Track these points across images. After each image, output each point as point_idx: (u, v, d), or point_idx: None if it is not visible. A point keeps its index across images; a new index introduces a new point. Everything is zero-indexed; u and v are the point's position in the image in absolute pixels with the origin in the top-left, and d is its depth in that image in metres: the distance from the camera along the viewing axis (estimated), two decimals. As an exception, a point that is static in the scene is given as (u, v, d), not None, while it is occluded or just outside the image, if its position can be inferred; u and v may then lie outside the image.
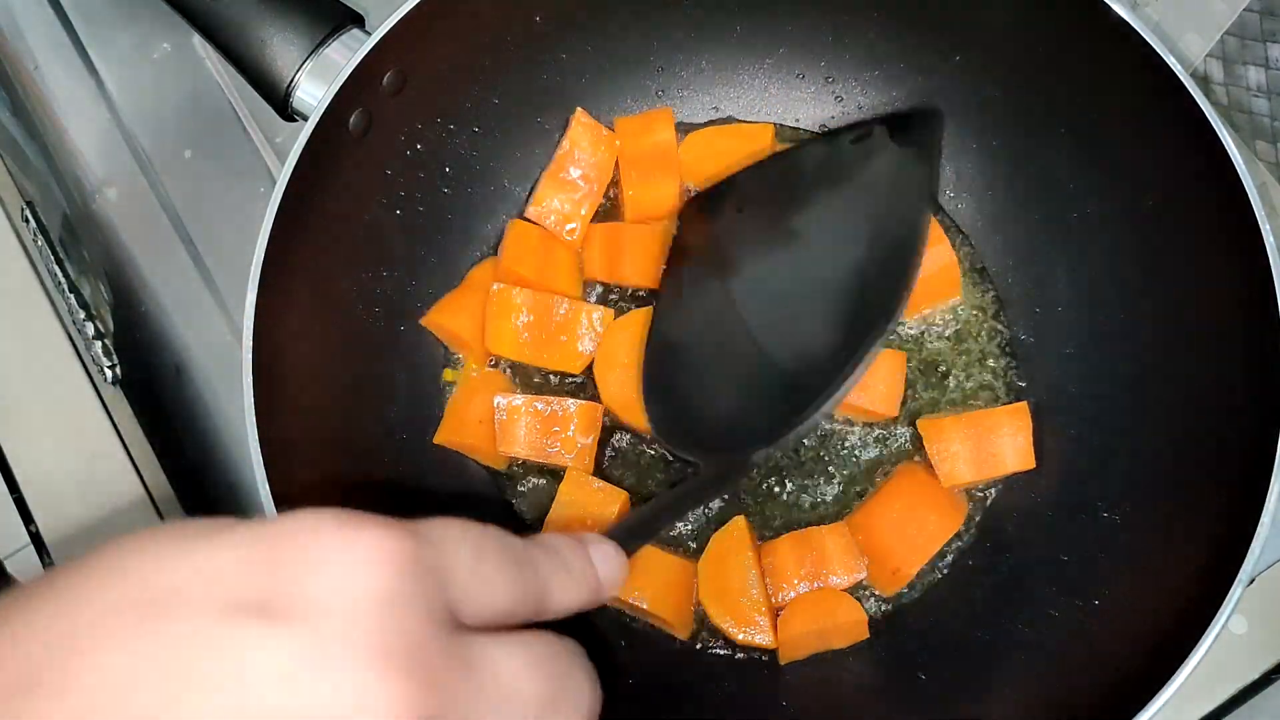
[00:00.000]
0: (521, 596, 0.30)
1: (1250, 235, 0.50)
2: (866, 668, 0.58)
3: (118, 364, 0.67)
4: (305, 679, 0.24)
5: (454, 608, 0.27)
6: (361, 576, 0.25)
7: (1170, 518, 0.54)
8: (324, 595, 0.25)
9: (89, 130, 0.68)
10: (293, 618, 0.24)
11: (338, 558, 0.26)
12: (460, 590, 0.28)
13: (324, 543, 0.26)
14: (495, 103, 0.62)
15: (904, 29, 0.62)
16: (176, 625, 0.24)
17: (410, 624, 0.26)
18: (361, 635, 0.25)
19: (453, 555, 0.28)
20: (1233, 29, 0.64)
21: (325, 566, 0.25)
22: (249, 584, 0.25)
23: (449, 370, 0.63)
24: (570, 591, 0.32)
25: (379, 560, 0.26)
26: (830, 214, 0.55)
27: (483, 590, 0.28)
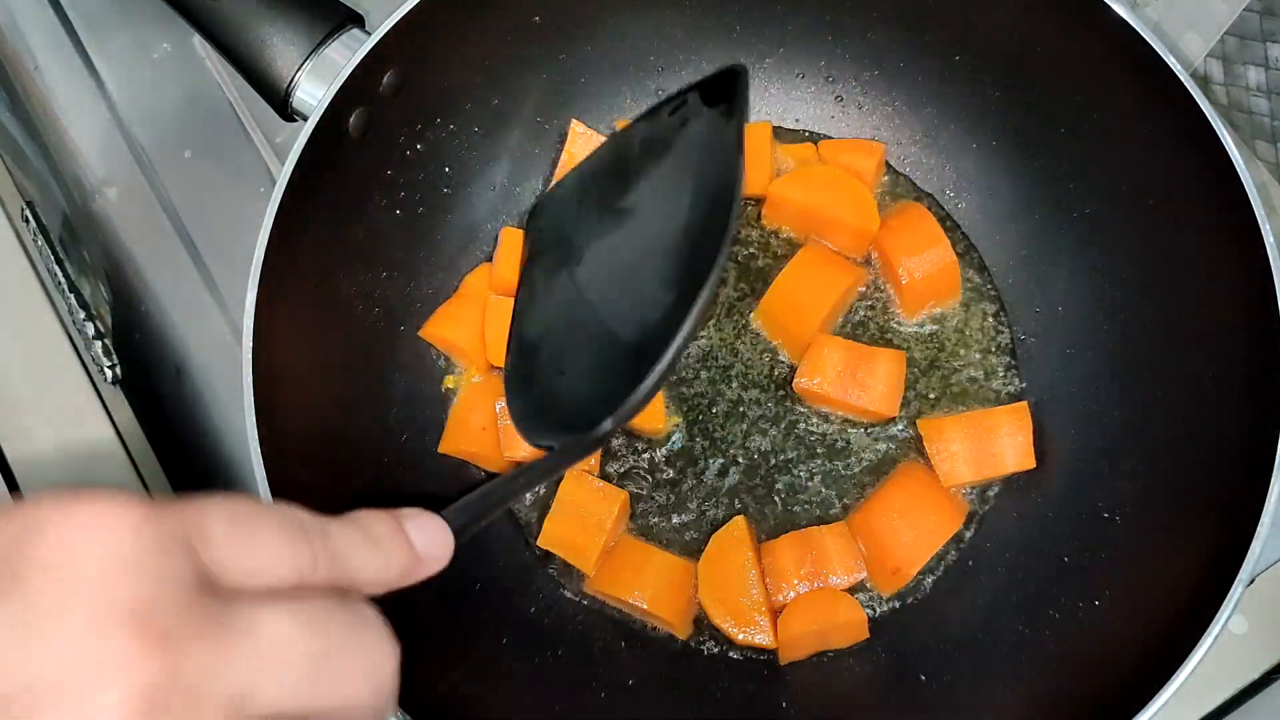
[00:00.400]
0: (309, 565, 0.29)
1: (1250, 235, 0.50)
2: (866, 668, 0.58)
3: (118, 364, 0.66)
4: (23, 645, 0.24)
5: (214, 573, 0.27)
6: (86, 541, 0.25)
7: (1170, 518, 0.54)
8: (42, 562, 0.25)
9: (89, 130, 0.68)
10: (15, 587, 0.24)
11: (60, 524, 0.25)
12: (220, 556, 0.27)
13: (46, 512, 0.26)
14: (495, 103, 0.62)
15: (904, 29, 0.62)
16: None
17: (141, 586, 0.25)
18: (83, 599, 0.24)
19: (207, 522, 0.28)
20: (1233, 29, 0.64)
21: (45, 534, 0.25)
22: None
23: (450, 378, 0.63)
24: (378, 563, 0.31)
25: (106, 525, 0.26)
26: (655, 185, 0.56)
27: (248, 556, 0.28)
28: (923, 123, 0.65)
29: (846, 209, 0.63)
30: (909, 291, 0.63)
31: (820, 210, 0.63)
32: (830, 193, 0.64)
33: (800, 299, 0.62)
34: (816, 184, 0.64)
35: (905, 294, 0.63)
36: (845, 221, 0.63)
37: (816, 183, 0.64)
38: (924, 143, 0.65)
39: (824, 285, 0.62)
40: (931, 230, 0.63)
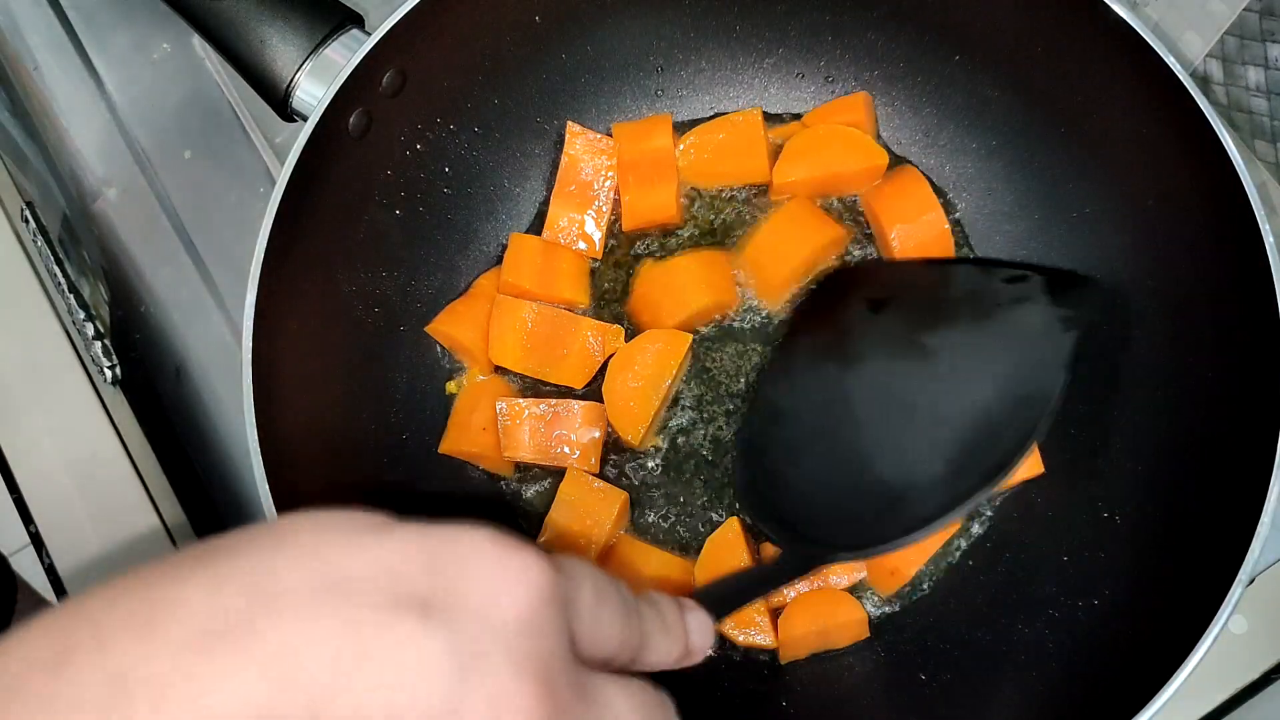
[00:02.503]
0: (625, 643, 0.32)
1: (1250, 235, 0.50)
2: (867, 668, 0.58)
3: (118, 364, 0.66)
4: (455, 675, 0.26)
5: (574, 639, 0.30)
6: (511, 594, 0.28)
7: (1170, 517, 0.54)
8: (477, 604, 0.28)
9: (89, 130, 0.68)
10: (449, 619, 0.27)
11: (491, 573, 0.28)
12: (580, 625, 0.30)
13: (480, 556, 0.28)
14: (495, 103, 0.62)
15: (904, 29, 0.62)
16: (351, 610, 0.27)
17: (546, 646, 0.28)
18: (506, 645, 0.27)
19: (580, 592, 0.31)
20: (1233, 29, 0.64)
21: (480, 579, 0.28)
22: (413, 582, 0.27)
23: (452, 383, 0.63)
24: (664, 648, 0.35)
25: (526, 582, 0.28)
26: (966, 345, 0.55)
27: (597, 630, 0.31)
28: (922, 123, 0.65)
29: (849, 160, 0.63)
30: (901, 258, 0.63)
31: (826, 175, 0.63)
32: (828, 153, 0.63)
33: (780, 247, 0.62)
34: (813, 150, 0.63)
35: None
36: (852, 170, 0.63)
37: (813, 150, 0.63)
38: (924, 143, 0.65)
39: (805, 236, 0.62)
40: (924, 196, 0.63)
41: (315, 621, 0.26)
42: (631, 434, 0.60)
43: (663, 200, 0.64)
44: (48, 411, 0.65)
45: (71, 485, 0.63)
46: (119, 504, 0.63)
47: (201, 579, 0.27)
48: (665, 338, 0.60)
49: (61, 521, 0.63)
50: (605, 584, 0.32)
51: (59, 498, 0.63)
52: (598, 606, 0.31)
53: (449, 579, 0.28)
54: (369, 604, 0.27)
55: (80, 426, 0.65)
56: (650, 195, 0.63)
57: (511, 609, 0.28)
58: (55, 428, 0.65)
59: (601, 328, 0.61)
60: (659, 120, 0.65)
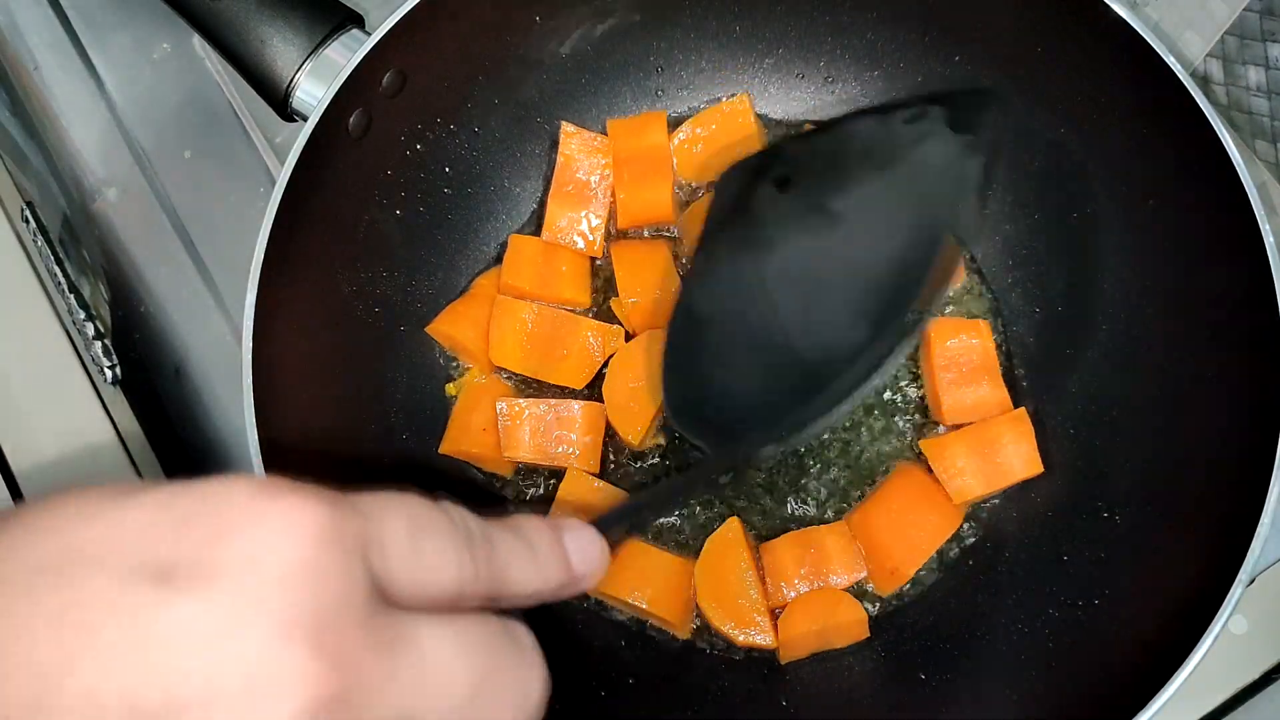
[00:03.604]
0: (471, 577, 0.29)
1: (1250, 235, 0.50)
2: (867, 667, 0.58)
3: (118, 364, 0.66)
4: (203, 646, 0.23)
5: (384, 583, 0.26)
6: (273, 545, 0.25)
7: (1170, 518, 0.54)
8: (231, 563, 0.24)
9: (89, 130, 0.68)
10: (195, 584, 0.24)
11: (250, 524, 0.25)
12: (392, 565, 0.27)
13: (236, 509, 0.25)
14: (495, 103, 0.62)
15: (904, 29, 0.62)
16: (77, 587, 0.24)
17: (324, 597, 0.25)
18: (268, 605, 0.24)
19: (386, 527, 0.27)
20: (1233, 29, 0.64)
21: (235, 533, 0.25)
22: (154, 548, 0.24)
23: (452, 385, 0.63)
24: (533, 575, 0.31)
25: (293, 529, 0.25)
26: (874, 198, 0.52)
27: (419, 567, 0.27)
28: (923, 123, 0.65)
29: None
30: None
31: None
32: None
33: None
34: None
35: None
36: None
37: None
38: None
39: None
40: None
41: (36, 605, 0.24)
42: (632, 434, 0.60)
43: (658, 198, 0.63)
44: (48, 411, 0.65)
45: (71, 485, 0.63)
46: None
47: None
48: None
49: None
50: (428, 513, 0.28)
51: (59, 498, 0.63)
52: (415, 539, 0.27)
53: (200, 540, 0.24)
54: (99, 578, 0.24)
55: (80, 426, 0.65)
56: (645, 193, 0.63)
57: (277, 561, 0.24)
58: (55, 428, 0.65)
59: (602, 328, 0.61)
60: (654, 117, 0.65)
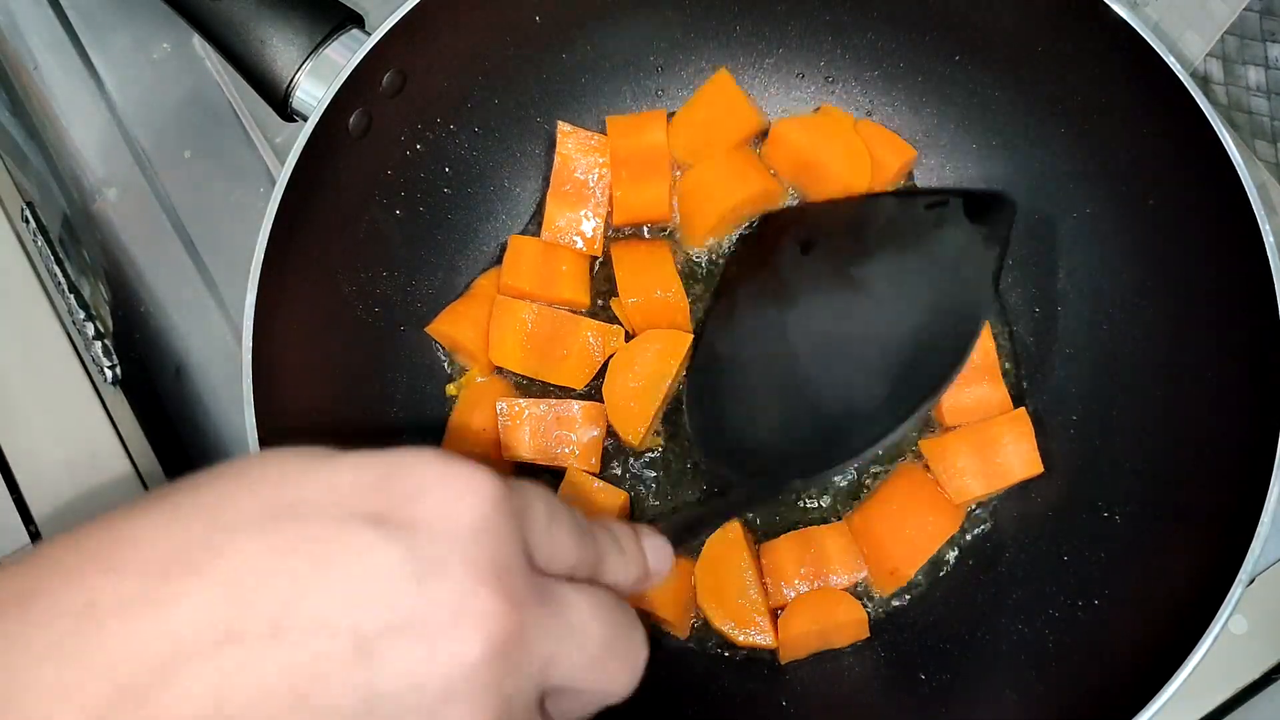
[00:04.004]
0: (581, 560, 0.33)
1: (1250, 235, 0.50)
2: (867, 667, 0.58)
3: (118, 364, 0.66)
4: (413, 581, 0.27)
5: (530, 552, 0.31)
6: (461, 504, 0.29)
7: (1170, 517, 0.54)
8: (429, 515, 0.28)
9: (89, 130, 0.68)
10: (403, 530, 0.28)
11: (441, 486, 0.29)
12: (535, 537, 0.31)
13: (429, 472, 0.29)
14: (495, 103, 0.62)
15: (904, 29, 0.62)
16: (305, 528, 0.28)
17: (500, 551, 0.29)
18: (462, 553, 0.28)
19: (533, 507, 0.31)
20: (1233, 29, 0.64)
21: (430, 492, 0.29)
22: (366, 500, 0.28)
23: (452, 386, 0.63)
24: (621, 569, 0.36)
25: (475, 493, 0.29)
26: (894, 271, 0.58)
27: (552, 543, 0.32)
28: (923, 123, 0.65)
29: (839, 160, 0.63)
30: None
31: (814, 157, 0.63)
32: (826, 142, 0.63)
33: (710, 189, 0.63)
34: (816, 131, 0.64)
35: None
36: (836, 172, 0.63)
37: (817, 130, 0.64)
38: (924, 143, 0.65)
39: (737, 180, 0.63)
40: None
41: (271, 541, 0.27)
42: (632, 435, 0.60)
43: (655, 197, 0.63)
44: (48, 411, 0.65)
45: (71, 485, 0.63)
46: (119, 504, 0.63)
47: (160, 515, 0.29)
48: (665, 338, 0.60)
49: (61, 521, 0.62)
50: (557, 504, 0.33)
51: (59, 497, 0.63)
52: (551, 522, 0.32)
53: (400, 495, 0.29)
54: (323, 521, 0.28)
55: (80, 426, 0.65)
56: (643, 192, 0.63)
57: (465, 517, 0.29)
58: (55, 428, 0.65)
59: (601, 328, 0.61)
60: (653, 115, 0.64)
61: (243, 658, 0.26)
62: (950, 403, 0.60)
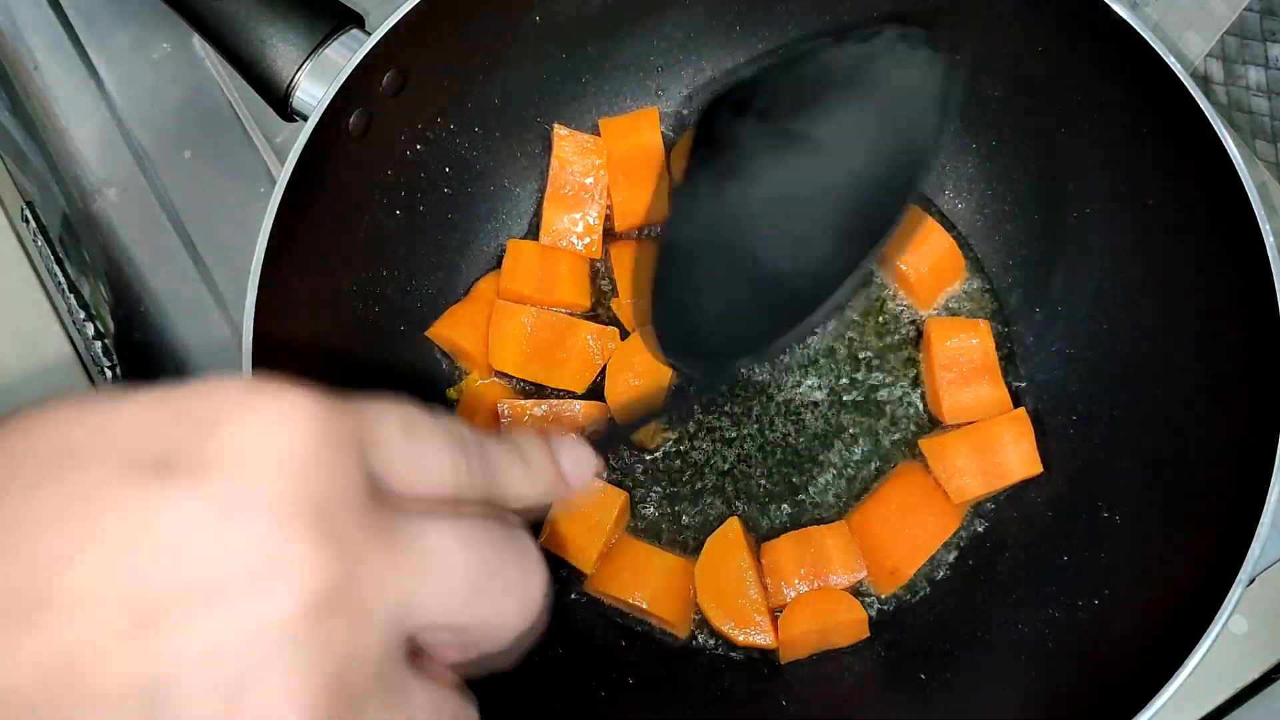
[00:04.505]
0: (466, 479, 0.29)
1: (1250, 235, 0.50)
2: (867, 667, 0.58)
3: (118, 364, 0.66)
4: (203, 532, 0.23)
5: (380, 478, 0.27)
6: (268, 435, 0.25)
7: (1170, 518, 0.54)
8: (230, 453, 0.24)
9: (89, 130, 0.68)
10: (194, 473, 0.24)
11: (243, 416, 0.25)
12: (387, 460, 0.27)
13: (229, 403, 0.25)
14: (495, 103, 0.62)
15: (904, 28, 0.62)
16: (77, 478, 0.24)
17: (321, 485, 0.25)
18: (266, 493, 0.24)
19: (379, 425, 0.28)
20: (1233, 29, 0.64)
21: (229, 425, 0.25)
22: (149, 442, 0.24)
23: (452, 390, 0.63)
24: (526, 481, 0.31)
25: (289, 419, 0.25)
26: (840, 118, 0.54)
27: (413, 463, 0.28)
28: (923, 123, 0.65)
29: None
30: (919, 287, 0.63)
31: None
32: None
33: None
34: None
35: (916, 290, 0.63)
36: None
37: None
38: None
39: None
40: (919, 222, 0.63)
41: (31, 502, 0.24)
42: (643, 433, 0.60)
43: (655, 199, 0.63)
44: (48, 411, 0.65)
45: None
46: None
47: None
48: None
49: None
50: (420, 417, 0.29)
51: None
52: (409, 439, 0.28)
53: (196, 434, 0.24)
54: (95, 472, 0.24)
55: (80, 426, 0.65)
56: (641, 195, 0.63)
57: (273, 451, 0.24)
58: (55, 428, 0.65)
59: (601, 330, 0.61)
60: (645, 115, 0.64)
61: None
62: (950, 402, 0.60)
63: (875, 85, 0.54)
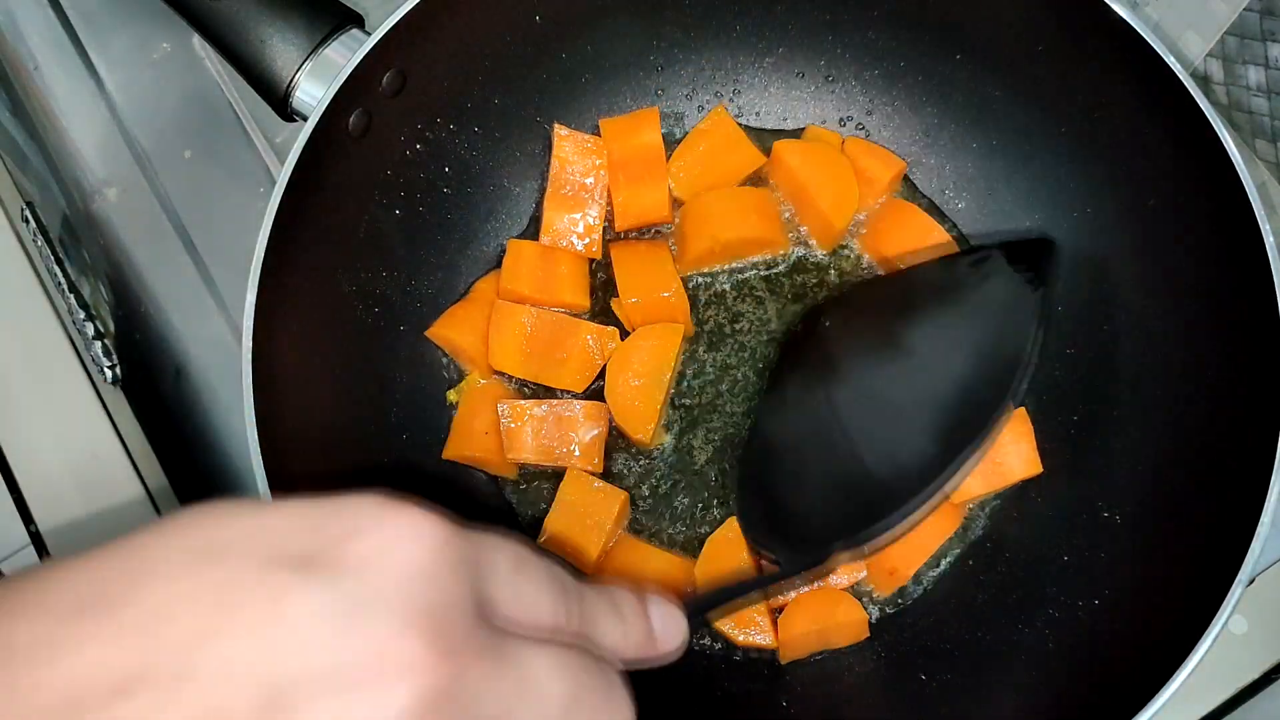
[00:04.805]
0: (559, 620, 0.31)
1: (1250, 235, 0.50)
2: (867, 667, 0.58)
3: (118, 364, 0.66)
4: (335, 628, 0.26)
5: (488, 603, 0.29)
6: (398, 548, 0.27)
7: (1170, 518, 0.54)
8: (362, 559, 0.27)
9: (89, 130, 0.68)
10: (329, 574, 0.27)
11: (377, 528, 0.28)
12: (495, 590, 0.30)
13: (367, 515, 0.28)
14: (495, 103, 0.62)
15: (904, 29, 0.62)
16: (221, 570, 0.27)
17: (438, 598, 0.27)
18: (391, 598, 0.27)
19: (493, 555, 0.30)
20: (1233, 29, 0.64)
21: (364, 534, 0.27)
22: (290, 542, 0.27)
23: (452, 392, 0.63)
24: (618, 634, 0.34)
25: (415, 537, 0.28)
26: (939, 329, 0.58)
27: (519, 597, 0.30)
28: (923, 123, 0.65)
29: (825, 194, 0.63)
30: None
31: (803, 185, 0.63)
32: (817, 172, 0.63)
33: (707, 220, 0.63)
34: (811, 158, 0.64)
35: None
36: (819, 206, 0.63)
37: (812, 157, 0.64)
38: (924, 143, 0.65)
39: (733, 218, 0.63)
40: (921, 222, 0.63)
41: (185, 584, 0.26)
42: (643, 432, 0.60)
43: (655, 200, 0.63)
44: (48, 411, 0.65)
45: (71, 485, 0.63)
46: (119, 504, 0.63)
47: (88, 559, 0.28)
48: (657, 333, 0.60)
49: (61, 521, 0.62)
50: (530, 557, 0.31)
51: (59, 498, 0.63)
52: (516, 574, 0.30)
53: (332, 539, 0.27)
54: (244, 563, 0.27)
55: (80, 426, 0.65)
56: (642, 196, 0.63)
57: (400, 563, 0.27)
58: (55, 428, 0.65)
59: (600, 330, 0.61)
60: (646, 114, 0.64)
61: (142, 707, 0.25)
62: None
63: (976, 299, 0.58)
